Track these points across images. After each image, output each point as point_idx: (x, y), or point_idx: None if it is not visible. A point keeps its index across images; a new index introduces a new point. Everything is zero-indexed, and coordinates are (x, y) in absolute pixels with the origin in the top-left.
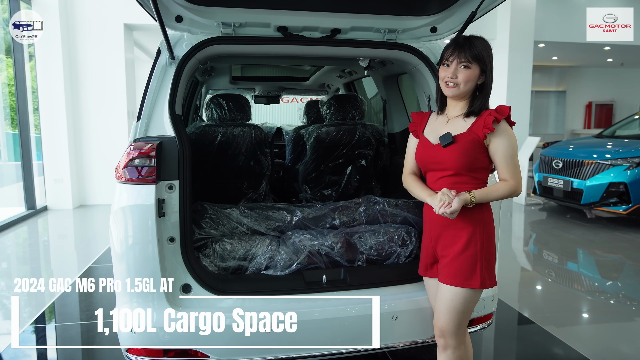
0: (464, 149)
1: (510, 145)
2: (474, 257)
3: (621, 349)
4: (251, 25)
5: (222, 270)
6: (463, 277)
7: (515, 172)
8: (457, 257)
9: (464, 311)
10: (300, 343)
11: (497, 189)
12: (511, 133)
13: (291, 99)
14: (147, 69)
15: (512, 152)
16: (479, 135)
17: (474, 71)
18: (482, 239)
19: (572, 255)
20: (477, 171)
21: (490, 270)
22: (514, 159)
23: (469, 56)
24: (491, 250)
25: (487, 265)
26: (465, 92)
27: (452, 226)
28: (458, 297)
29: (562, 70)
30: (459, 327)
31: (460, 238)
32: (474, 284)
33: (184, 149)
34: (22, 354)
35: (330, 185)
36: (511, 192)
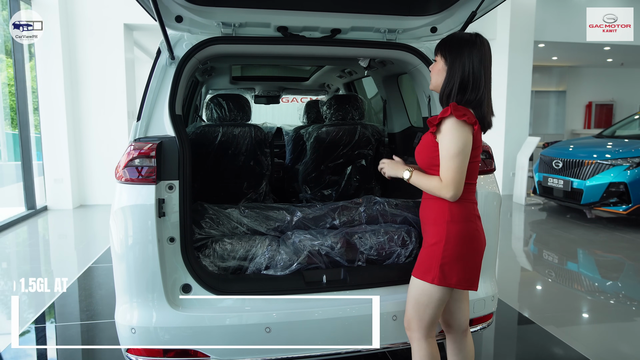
0: (421, 148)
1: (445, 145)
2: (434, 252)
3: (621, 349)
4: (251, 25)
5: (222, 270)
6: (421, 270)
7: (447, 174)
8: (422, 250)
9: (423, 303)
10: (301, 343)
11: (429, 180)
12: (451, 133)
13: (291, 99)
14: (147, 69)
15: (446, 153)
16: (431, 134)
17: (437, 63)
18: (442, 237)
19: (572, 255)
20: (435, 169)
21: (445, 269)
22: (447, 162)
23: (436, 49)
24: (458, 250)
25: (447, 263)
26: (435, 85)
27: (425, 221)
28: (416, 288)
29: (562, 70)
30: (420, 319)
31: (428, 233)
32: (427, 278)
33: (184, 149)
34: (22, 354)
35: (330, 185)
36: (436, 190)
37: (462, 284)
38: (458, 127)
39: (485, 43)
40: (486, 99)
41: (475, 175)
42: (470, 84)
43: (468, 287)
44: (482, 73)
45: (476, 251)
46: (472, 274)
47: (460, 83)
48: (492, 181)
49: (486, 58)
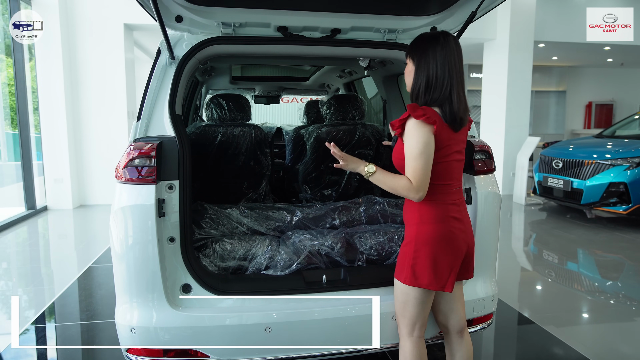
0: (394, 152)
1: (408, 145)
2: (405, 253)
3: (621, 349)
4: (251, 25)
5: (222, 270)
6: (397, 269)
7: (413, 175)
8: (400, 251)
9: (402, 302)
10: (301, 343)
11: (394, 178)
12: (412, 134)
13: (291, 99)
14: (147, 69)
15: (410, 153)
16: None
17: (408, 66)
18: (413, 238)
19: (572, 255)
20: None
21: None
22: (414, 161)
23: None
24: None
25: (417, 264)
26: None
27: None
28: (396, 287)
29: (562, 70)
30: (402, 316)
31: (405, 234)
32: (401, 278)
33: (184, 149)
34: (22, 354)
35: (330, 185)
36: (404, 190)
37: (432, 285)
38: (418, 127)
39: (451, 40)
40: (455, 96)
41: (449, 175)
42: (434, 83)
43: (439, 289)
44: (446, 71)
45: (448, 252)
46: (444, 276)
47: (426, 83)
48: (492, 181)
49: (451, 55)
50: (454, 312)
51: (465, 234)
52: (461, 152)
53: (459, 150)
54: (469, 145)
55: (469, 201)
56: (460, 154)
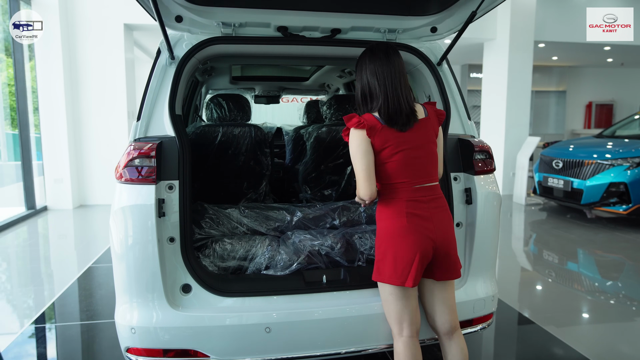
0: None
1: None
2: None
3: (621, 349)
4: (251, 25)
5: (222, 270)
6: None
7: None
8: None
9: (382, 300)
10: (300, 343)
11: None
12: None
13: (291, 99)
14: (147, 69)
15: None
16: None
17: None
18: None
19: (572, 255)
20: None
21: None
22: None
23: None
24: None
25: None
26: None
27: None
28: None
29: (562, 70)
30: (387, 315)
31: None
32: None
33: (184, 149)
34: (22, 353)
35: (330, 185)
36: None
37: (393, 280)
38: (352, 134)
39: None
40: (390, 100)
41: (401, 174)
42: (368, 93)
43: (400, 284)
44: (376, 80)
45: (404, 248)
46: (402, 270)
47: (361, 93)
48: (492, 181)
49: (381, 66)
50: (438, 313)
51: (430, 231)
52: (421, 147)
53: (416, 146)
54: (469, 145)
55: (469, 201)
56: (420, 150)
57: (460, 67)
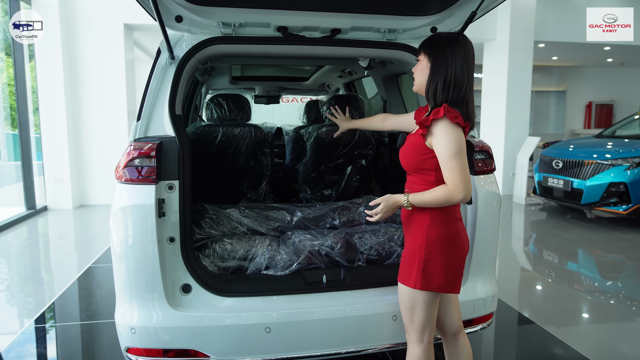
0: (406, 151)
1: (444, 146)
2: (412, 257)
3: (621, 349)
4: (251, 25)
5: (222, 270)
6: (403, 275)
7: (452, 175)
8: (403, 255)
9: (410, 307)
10: (300, 343)
11: (431, 193)
12: (448, 134)
13: (291, 99)
14: (147, 69)
15: (447, 154)
16: (419, 137)
17: (421, 63)
18: (422, 240)
19: (572, 255)
20: (424, 172)
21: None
22: (451, 162)
23: (420, 48)
24: (439, 253)
25: (428, 267)
26: (419, 85)
27: (406, 225)
28: (402, 293)
29: (562, 70)
30: (411, 322)
31: (408, 237)
32: (410, 282)
33: (184, 149)
34: (22, 353)
35: (330, 185)
36: (447, 198)
37: (443, 288)
38: (452, 128)
39: (469, 42)
40: (470, 98)
41: None
42: (452, 82)
43: (450, 291)
44: (465, 72)
45: (457, 254)
46: (454, 277)
47: (443, 81)
48: (492, 181)
49: (469, 57)
50: (448, 315)
51: (466, 234)
52: None
53: None
54: (469, 145)
55: (469, 201)
56: None
57: None
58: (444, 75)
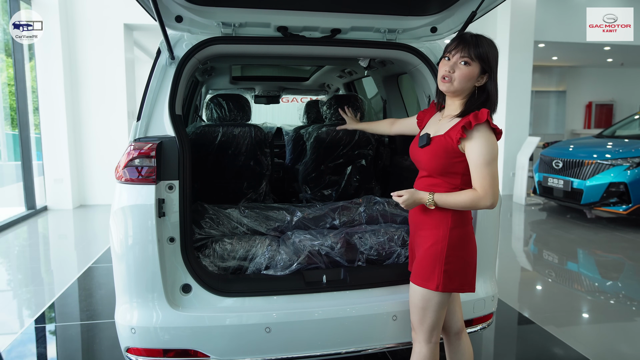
0: (435, 153)
1: (480, 153)
2: (433, 258)
3: (621, 349)
4: (251, 25)
5: (222, 270)
6: (422, 277)
7: (483, 182)
8: (421, 257)
9: (424, 308)
10: (300, 343)
11: (459, 196)
12: (486, 140)
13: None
14: (147, 69)
15: (483, 161)
16: (453, 141)
17: (473, 69)
18: (444, 242)
19: (572, 255)
20: (451, 176)
21: (450, 274)
22: (485, 168)
23: (472, 53)
24: (459, 254)
25: (450, 269)
26: (459, 90)
27: (423, 226)
28: (417, 295)
29: (562, 70)
30: (422, 323)
31: (427, 239)
32: (431, 285)
33: (184, 149)
34: (22, 353)
35: (330, 185)
36: (474, 202)
37: (464, 288)
38: (490, 135)
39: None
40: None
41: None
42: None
43: (469, 290)
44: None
45: (474, 253)
46: (472, 277)
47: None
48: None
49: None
50: (453, 314)
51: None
52: None
53: None
54: None
55: None
56: None
57: None
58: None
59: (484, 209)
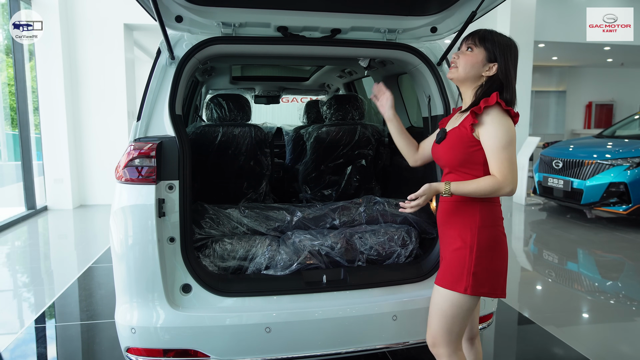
0: (451, 145)
1: (495, 135)
2: (461, 260)
3: (621, 349)
4: (251, 25)
5: (222, 270)
6: (450, 279)
7: (501, 167)
8: (448, 258)
9: (452, 315)
10: (300, 343)
11: (477, 182)
12: (500, 122)
13: (291, 99)
14: (147, 69)
15: (499, 144)
16: (467, 129)
17: (475, 55)
18: (473, 243)
19: (572, 255)
20: (471, 167)
21: (480, 277)
22: (502, 152)
23: (477, 39)
24: (489, 255)
25: (479, 271)
26: (464, 76)
27: (448, 226)
28: (443, 299)
29: (562, 70)
30: (449, 332)
31: (453, 239)
32: (459, 287)
33: (184, 149)
34: (22, 353)
35: (330, 185)
36: (494, 189)
37: (496, 292)
38: (504, 117)
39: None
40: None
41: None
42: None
43: (500, 295)
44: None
45: (505, 256)
46: (503, 281)
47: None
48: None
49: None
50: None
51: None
52: None
53: None
54: None
55: None
56: None
57: None
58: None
59: (504, 195)
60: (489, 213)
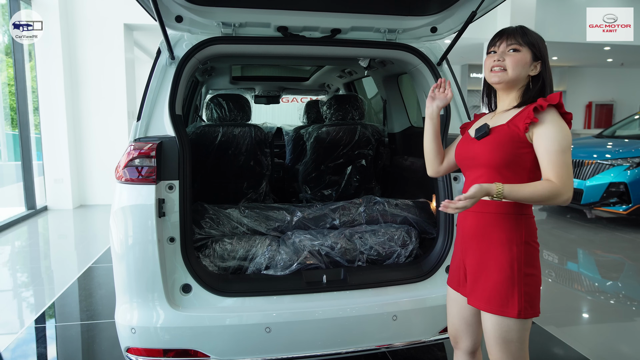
0: (498, 142)
1: (555, 138)
2: (508, 280)
3: (621, 349)
4: (251, 25)
5: (222, 270)
6: (498, 303)
7: (560, 172)
8: (489, 278)
9: (514, 341)
10: (300, 343)
11: (534, 186)
12: (560, 125)
13: (291, 99)
14: (147, 69)
15: (558, 147)
16: (520, 128)
17: (524, 55)
18: (520, 260)
19: (572, 255)
20: (517, 170)
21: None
22: (561, 156)
23: (520, 39)
24: (531, 271)
25: (526, 290)
26: (514, 78)
27: (484, 238)
28: (501, 326)
29: (562, 70)
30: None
31: (492, 254)
32: (511, 312)
33: (184, 149)
34: (22, 353)
35: (330, 185)
36: (552, 194)
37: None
38: (562, 120)
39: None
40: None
41: None
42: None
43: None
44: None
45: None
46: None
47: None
48: None
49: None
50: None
51: None
52: None
53: None
54: None
55: None
56: None
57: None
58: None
59: (559, 204)
60: (531, 227)
